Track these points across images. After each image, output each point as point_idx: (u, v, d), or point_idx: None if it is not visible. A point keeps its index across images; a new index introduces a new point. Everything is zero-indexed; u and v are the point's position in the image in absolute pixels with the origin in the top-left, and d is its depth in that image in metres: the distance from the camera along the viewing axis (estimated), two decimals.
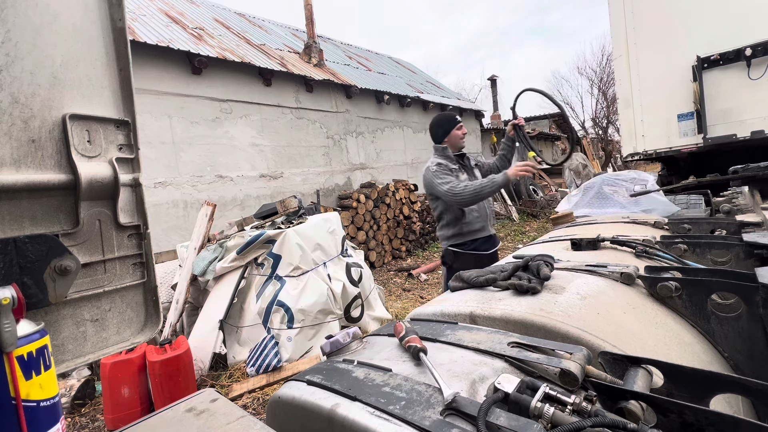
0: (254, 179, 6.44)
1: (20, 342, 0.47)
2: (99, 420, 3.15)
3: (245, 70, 6.41)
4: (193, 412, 0.70)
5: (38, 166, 0.56)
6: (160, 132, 5.34)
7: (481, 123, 13.32)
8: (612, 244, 1.49)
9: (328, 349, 0.91)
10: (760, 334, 0.92)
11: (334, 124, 8.00)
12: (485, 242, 2.82)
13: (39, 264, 0.54)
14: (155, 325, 0.72)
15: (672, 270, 1.13)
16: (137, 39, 5.01)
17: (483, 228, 2.80)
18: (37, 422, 0.48)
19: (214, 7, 9.27)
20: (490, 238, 2.87)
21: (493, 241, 2.89)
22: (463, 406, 0.59)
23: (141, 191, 0.70)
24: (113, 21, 0.65)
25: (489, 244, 2.85)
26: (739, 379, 0.65)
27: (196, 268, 3.93)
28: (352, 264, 4.35)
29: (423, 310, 1.08)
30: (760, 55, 3.95)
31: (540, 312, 0.89)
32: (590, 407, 0.56)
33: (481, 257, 2.76)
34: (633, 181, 2.58)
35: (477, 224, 2.77)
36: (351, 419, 0.63)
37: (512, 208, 12.19)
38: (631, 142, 5.03)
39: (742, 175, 2.35)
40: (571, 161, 14.35)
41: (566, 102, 25.37)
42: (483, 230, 2.81)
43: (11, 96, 0.53)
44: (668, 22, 4.55)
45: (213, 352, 3.55)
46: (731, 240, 1.39)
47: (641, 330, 0.92)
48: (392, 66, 13.06)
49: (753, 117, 4.09)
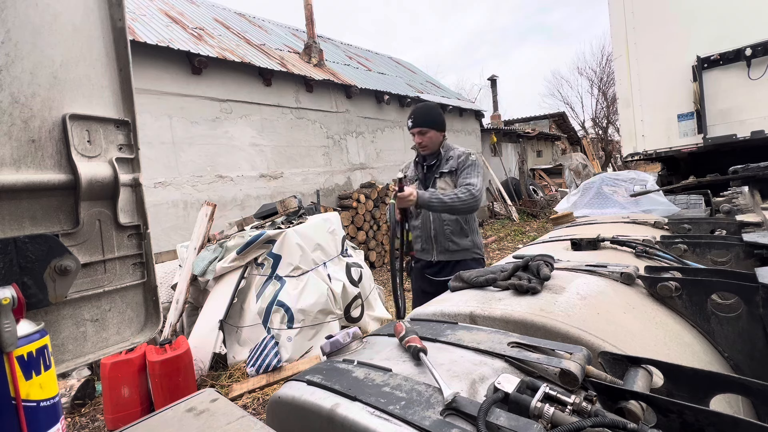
0: (254, 179, 6.44)
1: (20, 342, 0.47)
2: (99, 420, 3.15)
3: (245, 70, 6.41)
4: (193, 412, 0.70)
5: (38, 166, 0.56)
6: (160, 132, 5.34)
7: (481, 123, 13.31)
8: (612, 244, 1.49)
9: (328, 349, 0.91)
10: (760, 334, 0.92)
11: (334, 124, 8.00)
12: (429, 266, 2.42)
13: (39, 264, 0.54)
14: (155, 325, 0.72)
15: (672, 270, 1.13)
16: (137, 39, 5.01)
17: (424, 250, 2.41)
18: (37, 422, 0.48)
19: (214, 7, 9.27)
20: (435, 265, 2.39)
21: (441, 268, 2.37)
22: (463, 406, 0.59)
23: (141, 191, 0.70)
24: (113, 21, 0.65)
25: (434, 270, 2.40)
26: (739, 379, 0.65)
27: (196, 268, 3.93)
28: (352, 264, 4.35)
29: (423, 310, 1.08)
30: (760, 55, 3.94)
31: (540, 312, 0.89)
32: (590, 407, 0.56)
33: (428, 280, 2.40)
34: (632, 181, 2.58)
35: (417, 243, 2.44)
36: (351, 419, 0.63)
37: (512, 208, 12.19)
38: (631, 142, 5.03)
39: (742, 175, 2.35)
40: (571, 161, 14.35)
41: (566, 102, 25.40)
42: (425, 253, 2.41)
43: (11, 96, 0.53)
44: (668, 22, 4.55)
45: (213, 352, 3.55)
46: (731, 240, 1.39)
47: (641, 330, 0.92)
48: (392, 66, 13.06)
49: (753, 117, 4.09)
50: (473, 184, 2.18)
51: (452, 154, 2.35)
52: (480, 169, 2.29)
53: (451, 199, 2.11)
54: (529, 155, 16.84)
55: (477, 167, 2.28)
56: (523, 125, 20.47)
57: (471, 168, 2.27)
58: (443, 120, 2.39)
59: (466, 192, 2.15)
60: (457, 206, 2.12)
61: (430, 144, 2.33)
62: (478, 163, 2.30)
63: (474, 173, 2.25)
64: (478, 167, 2.28)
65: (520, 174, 15.34)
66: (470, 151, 2.37)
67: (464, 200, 2.12)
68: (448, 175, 2.33)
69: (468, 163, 2.29)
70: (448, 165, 2.33)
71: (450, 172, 2.32)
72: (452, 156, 2.35)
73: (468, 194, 2.14)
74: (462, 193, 2.15)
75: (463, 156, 2.31)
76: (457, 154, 2.34)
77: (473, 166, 2.28)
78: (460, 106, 11.76)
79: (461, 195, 2.13)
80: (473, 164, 2.28)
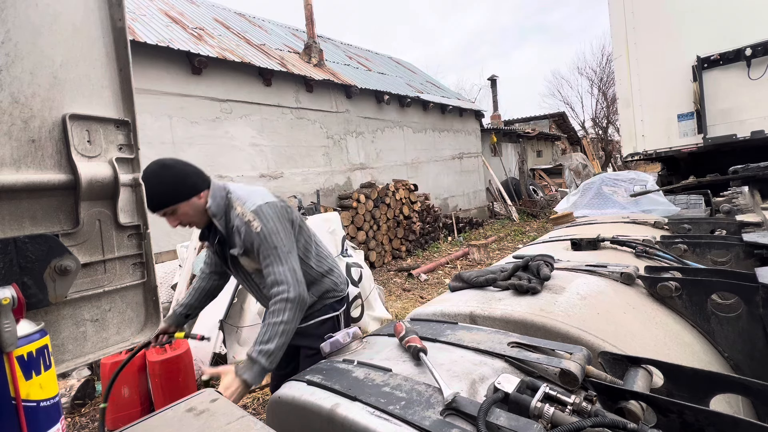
0: (254, 179, 6.43)
1: (20, 342, 0.47)
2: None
3: (245, 70, 6.41)
4: (193, 412, 0.70)
5: (38, 166, 0.56)
6: (160, 132, 5.34)
7: (481, 123, 13.32)
8: (612, 244, 1.49)
9: (328, 349, 0.91)
10: (760, 334, 0.92)
11: (334, 124, 8.00)
12: None
13: (39, 264, 0.54)
14: (155, 325, 0.72)
15: (672, 270, 1.13)
16: (137, 39, 5.01)
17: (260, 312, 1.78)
18: (37, 422, 0.48)
19: (214, 7, 9.27)
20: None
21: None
22: (463, 406, 0.59)
23: (141, 191, 0.70)
24: (113, 21, 0.65)
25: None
26: (739, 379, 0.65)
27: (196, 268, 3.93)
28: (352, 264, 4.35)
29: (423, 310, 1.08)
30: (760, 55, 3.95)
31: (540, 312, 0.89)
32: (590, 407, 0.56)
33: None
34: (632, 181, 2.58)
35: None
36: (351, 419, 0.63)
37: (512, 208, 12.19)
38: (631, 142, 5.03)
39: (742, 175, 2.35)
40: (571, 161, 14.36)
41: (566, 102, 25.42)
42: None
43: (11, 96, 0.53)
44: (668, 23, 4.56)
45: (213, 352, 3.55)
46: (731, 240, 1.39)
47: (641, 330, 0.92)
48: (392, 66, 13.06)
49: (753, 117, 4.09)
50: (278, 281, 1.44)
51: (236, 223, 1.53)
52: (275, 235, 1.49)
53: (275, 333, 1.38)
54: (529, 155, 16.84)
55: (268, 237, 1.48)
56: (523, 125, 20.46)
57: (262, 245, 1.47)
58: (187, 180, 1.50)
59: (278, 304, 1.42)
60: (289, 330, 1.41)
61: (192, 219, 1.55)
62: (269, 229, 1.49)
63: (269, 254, 1.47)
64: (270, 235, 1.48)
65: (520, 174, 15.34)
66: (254, 205, 1.52)
67: (286, 320, 1.40)
68: (245, 255, 1.55)
69: (254, 238, 1.48)
70: (238, 240, 1.53)
71: (245, 251, 1.53)
72: (235, 225, 1.54)
73: (281, 306, 1.41)
74: (275, 313, 1.41)
75: (243, 227, 1.50)
76: (237, 223, 1.53)
77: (263, 238, 1.47)
78: (460, 106, 11.76)
79: (276, 317, 1.40)
80: (262, 235, 1.47)
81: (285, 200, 1.70)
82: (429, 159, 10.49)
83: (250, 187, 1.65)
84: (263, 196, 1.59)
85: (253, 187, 1.66)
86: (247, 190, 1.61)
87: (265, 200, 1.56)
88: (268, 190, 1.67)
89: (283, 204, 1.64)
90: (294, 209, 1.71)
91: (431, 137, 10.72)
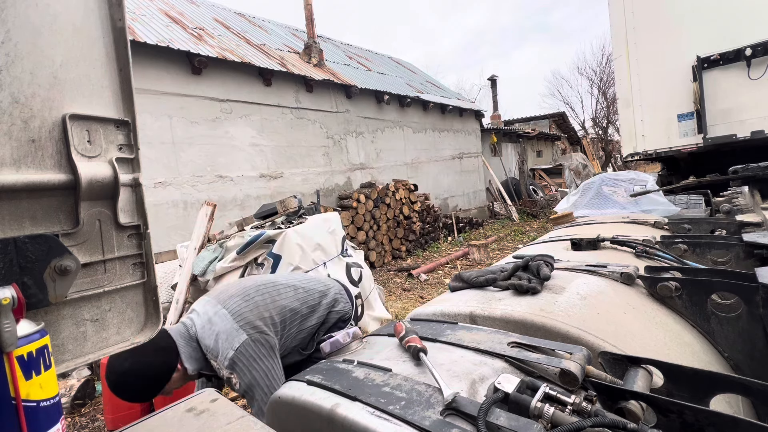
0: (254, 179, 6.43)
1: (20, 342, 0.47)
2: (99, 420, 3.15)
3: (245, 70, 6.41)
4: (193, 412, 0.70)
5: (38, 166, 0.56)
6: (160, 132, 5.34)
7: (481, 123, 13.32)
8: (612, 244, 1.49)
9: (328, 349, 0.91)
10: (760, 334, 0.92)
11: (334, 124, 8.00)
12: None
13: (39, 264, 0.54)
14: (155, 325, 0.72)
15: (672, 270, 1.13)
16: (137, 39, 5.01)
17: None
18: (37, 422, 0.48)
19: (214, 7, 9.27)
20: None
21: None
22: (463, 406, 0.59)
23: (141, 191, 0.70)
24: (113, 21, 0.65)
25: None
26: (739, 379, 0.65)
27: (196, 268, 3.93)
28: (352, 264, 4.35)
29: (423, 310, 1.08)
30: (760, 55, 3.95)
31: (540, 312, 0.89)
32: (590, 407, 0.56)
33: None
34: (632, 181, 2.58)
35: None
36: (351, 419, 0.63)
37: (512, 208, 12.19)
38: (631, 142, 5.03)
39: (742, 175, 2.35)
40: (571, 161, 14.36)
41: (566, 102, 25.42)
42: None
43: (11, 96, 0.53)
44: (668, 22, 4.56)
45: None
46: (731, 240, 1.39)
47: (641, 330, 0.92)
48: (392, 66, 13.06)
49: (753, 117, 4.09)
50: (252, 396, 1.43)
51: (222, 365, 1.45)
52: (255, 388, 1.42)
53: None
54: (529, 155, 16.84)
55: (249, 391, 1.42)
56: (523, 125, 20.46)
57: (246, 396, 1.45)
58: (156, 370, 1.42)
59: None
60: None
61: (183, 384, 1.52)
62: (247, 383, 1.42)
63: (252, 405, 1.44)
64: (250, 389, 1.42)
65: (520, 174, 15.34)
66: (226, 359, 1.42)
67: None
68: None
69: (238, 391, 1.45)
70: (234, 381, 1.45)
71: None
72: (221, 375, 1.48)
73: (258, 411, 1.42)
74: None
75: (226, 381, 1.47)
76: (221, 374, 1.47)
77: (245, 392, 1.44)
78: (460, 106, 11.75)
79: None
80: (242, 390, 1.43)
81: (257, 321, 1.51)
82: (429, 159, 10.49)
83: (212, 327, 1.49)
84: (230, 338, 1.44)
85: (214, 325, 1.49)
86: (211, 333, 1.47)
87: (234, 346, 1.42)
88: (232, 317, 1.47)
89: (258, 334, 1.48)
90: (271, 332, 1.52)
91: (431, 137, 10.72)
